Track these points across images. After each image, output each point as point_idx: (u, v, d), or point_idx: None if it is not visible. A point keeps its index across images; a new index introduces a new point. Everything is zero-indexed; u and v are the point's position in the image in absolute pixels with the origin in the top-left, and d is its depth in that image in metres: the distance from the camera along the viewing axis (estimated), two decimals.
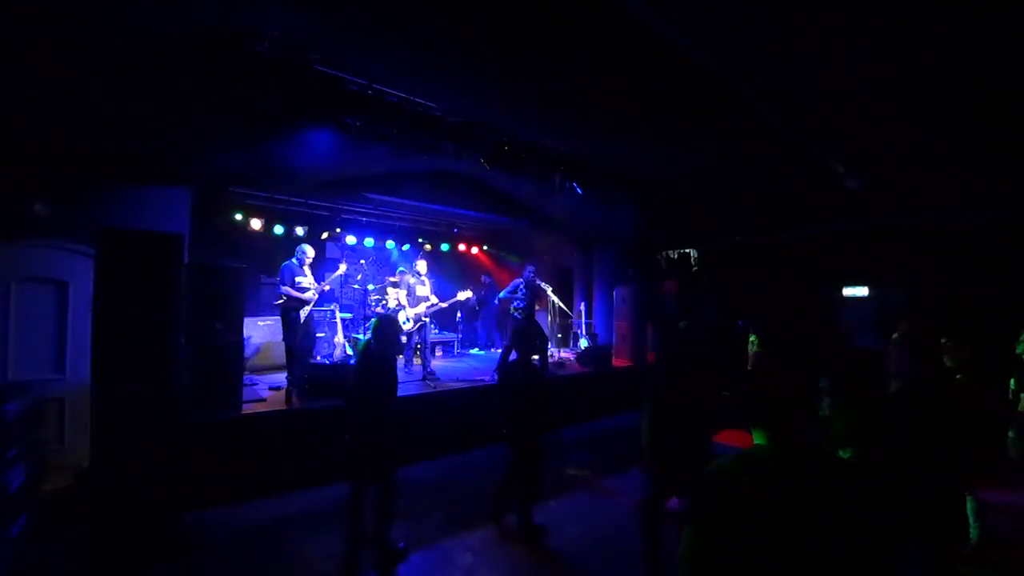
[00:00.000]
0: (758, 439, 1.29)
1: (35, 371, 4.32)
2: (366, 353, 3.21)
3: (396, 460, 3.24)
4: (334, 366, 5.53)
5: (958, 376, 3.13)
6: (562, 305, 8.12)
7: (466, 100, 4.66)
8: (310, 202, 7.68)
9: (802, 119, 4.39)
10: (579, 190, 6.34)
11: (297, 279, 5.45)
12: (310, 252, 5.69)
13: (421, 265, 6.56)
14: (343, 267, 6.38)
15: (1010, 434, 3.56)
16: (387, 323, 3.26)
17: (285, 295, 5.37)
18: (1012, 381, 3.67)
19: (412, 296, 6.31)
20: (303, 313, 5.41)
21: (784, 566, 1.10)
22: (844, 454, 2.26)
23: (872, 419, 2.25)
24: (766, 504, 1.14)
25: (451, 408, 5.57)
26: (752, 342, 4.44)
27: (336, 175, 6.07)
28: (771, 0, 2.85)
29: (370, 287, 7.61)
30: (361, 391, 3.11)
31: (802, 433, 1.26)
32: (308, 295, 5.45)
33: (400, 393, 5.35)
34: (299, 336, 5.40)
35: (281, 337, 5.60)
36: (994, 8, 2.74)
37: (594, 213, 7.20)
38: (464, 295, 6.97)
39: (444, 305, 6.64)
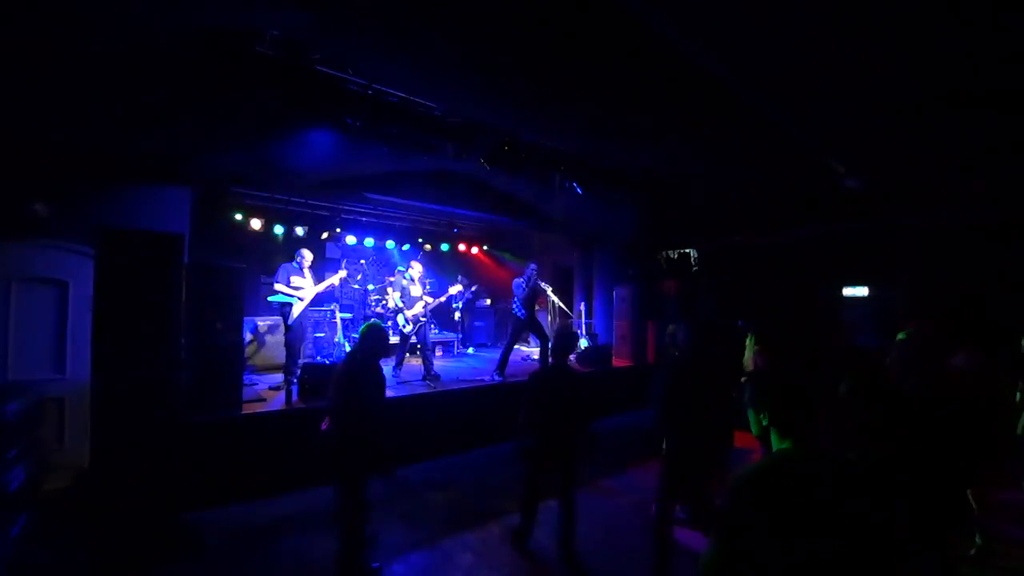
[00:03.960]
0: (778, 443, 1.29)
1: (35, 371, 4.31)
2: (351, 360, 3.15)
3: (370, 464, 3.10)
4: (332, 366, 5.55)
5: (972, 378, 3.09)
6: (562, 305, 8.12)
7: (466, 101, 4.66)
8: (310, 202, 7.68)
9: (802, 118, 4.39)
10: (579, 190, 6.34)
11: (293, 278, 5.59)
12: (308, 256, 5.86)
13: (415, 269, 6.59)
14: (343, 272, 6.44)
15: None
16: (374, 332, 3.13)
17: (278, 292, 5.52)
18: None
19: (407, 298, 6.34)
20: (294, 312, 5.52)
21: (816, 567, 1.10)
22: None
23: (876, 420, 2.25)
24: (804, 506, 1.14)
25: (451, 408, 5.57)
26: (749, 343, 4.45)
27: (336, 175, 6.07)
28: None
29: (370, 287, 7.62)
30: (345, 393, 3.01)
31: (819, 436, 1.27)
32: (300, 294, 5.58)
33: (400, 393, 5.43)
34: (292, 334, 5.53)
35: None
36: (994, 8, 2.74)
37: (594, 213, 7.19)
38: (455, 289, 6.97)
39: (442, 300, 6.71)
